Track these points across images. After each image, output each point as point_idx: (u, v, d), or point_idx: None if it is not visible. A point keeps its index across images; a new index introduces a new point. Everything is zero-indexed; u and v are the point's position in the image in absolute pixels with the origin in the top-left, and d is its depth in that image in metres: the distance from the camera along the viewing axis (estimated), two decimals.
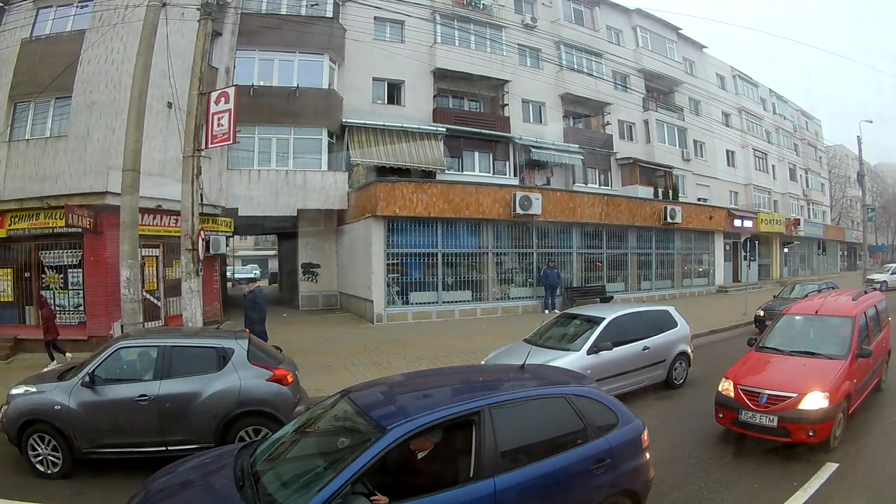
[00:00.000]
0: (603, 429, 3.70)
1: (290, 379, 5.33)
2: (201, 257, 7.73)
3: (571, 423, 3.62)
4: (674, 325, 7.95)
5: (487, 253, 15.23)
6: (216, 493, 3.18)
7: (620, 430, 3.76)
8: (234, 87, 7.82)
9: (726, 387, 5.69)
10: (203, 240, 7.70)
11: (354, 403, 3.56)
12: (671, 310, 8.22)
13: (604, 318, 7.18)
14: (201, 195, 8.01)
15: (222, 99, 7.72)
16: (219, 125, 7.67)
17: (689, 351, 8.05)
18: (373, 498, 2.89)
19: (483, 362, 7.15)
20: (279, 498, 2.94)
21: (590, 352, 6.71)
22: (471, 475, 3.16)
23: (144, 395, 4.96)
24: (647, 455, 3.88)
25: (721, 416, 5.69)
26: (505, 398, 3.55)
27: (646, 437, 3.90)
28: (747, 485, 4.73)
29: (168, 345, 5.20)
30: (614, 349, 6.86)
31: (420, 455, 3.34)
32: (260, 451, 3.53)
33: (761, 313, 12.41)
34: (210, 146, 7.92)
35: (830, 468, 4.93)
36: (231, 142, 7.80)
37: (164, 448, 4.97)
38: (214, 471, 3.55)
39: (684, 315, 8.38)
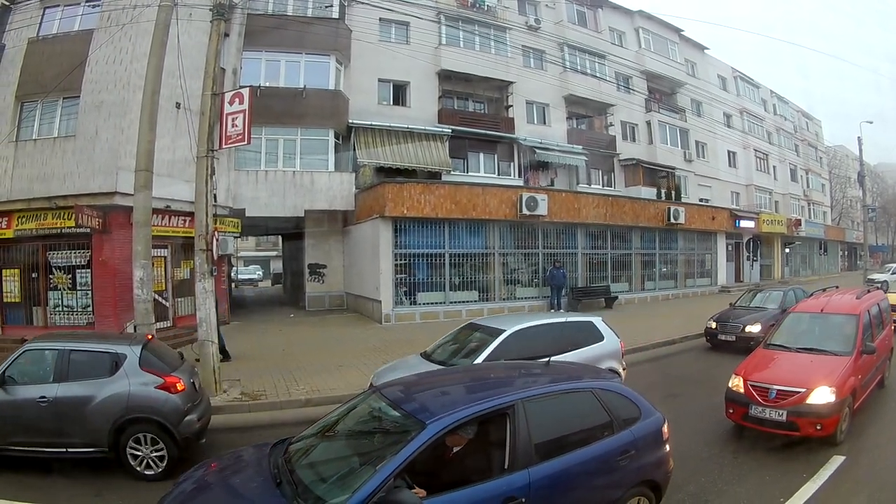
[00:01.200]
0: (627, 421, 3.81)
1: (180, 387, 5.25)
2: (215, 257, 7.72)
3: (598, 416, 3.74)
4: (598, 338, 6.95)
5: (494, 253, 15.28)
6: (253, 490, 3.19)
7: (643, 423, 3.88)
8: (248, 88, 7.82)
9: (736, 383, 5.84)
10: (217, 240, 7.68)
11: (389, 399, 3.60)
12: (596, 321, 7.25)
13: (503, 331, 6.32)
14: (214, 195, 8.00)
15: (237, 100, 7.73)
16: (233, 126, 7.67)
17: (620, 369, 7.12)
18: (413, 491, 2.92)
19: (372, 378, 6.47)
20: (320, 493, 2.95)
21: None
22: (505, 467, 3.24)
23: (44, 397, 5.02)
24: (668, 447, 3.99)
25: (731, 411, 5.84)
26: (537, 392, 3.67)
27: (666, 430, 4.02)
28: (758, 477, 4.86)
29: (67, 348, 5.26)
30: None
31: (455, 449, 3.38)
32: (294, 448, 3.54)
33: (713, 325, 10.66)
34: (224, 147, 7.92)
35: (837, 461, 5.05)
36: (245, 143, 7.81)
37: (64, 450, 5.03)
38: (246, 469, 3.58)
39: (612, 326, 7.41)
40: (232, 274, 21.37)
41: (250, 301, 21.81)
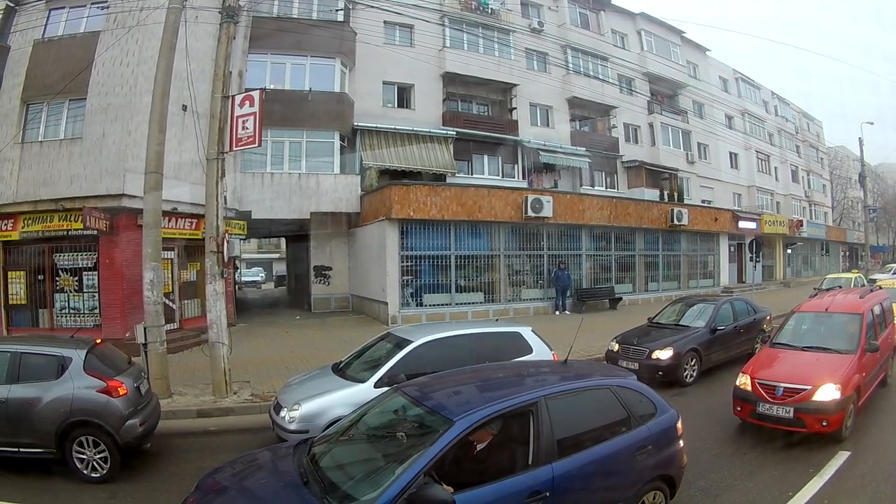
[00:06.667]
0: (643, 418, 3.91)
1: (122, 391, 5.30)
2: (226, 259, 7.72)
3: (616, 412, 3.84)
4: (527, 350, 6.20)
5: (499, 255, 15.30)
6: (281, 490, 3.19)
7: (659, 419, 3.98)
8: (259, 91, 7.82)
9: (744, 381, 5.97)
10: (227, 242, 7.68)
11: (412, 398, 3.64)
12: (525, 331, 6.47)
13: (410, 343, 5.87)
14: (225, 198, 8.00)
15: (247, 102, 7.74)
16: (243, 128, 7.68)
17: None
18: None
19: (279, 392, 6.29)
20: (349, 491, 2.97)
21: (378, 385, 5.40)
22: (529, 462, 3.30)
23: None
24: (682, 443, 4.09)
25: (739, 409, 5.98)
26: (559, 389, 3.74)
27: (680, 426, 4.11)
28: (767, 472, 4.99)
29: (19, 350, 5.36)
30: None
31: (480, 446, 3.42)
32: (318, 448, 3.56)
33: (615, 347, 8.68)
34: (235, 149, 7.92)
35: (843, 456, 5.19)
36: (256, 145, 7.81)
37: (16, 450, 5.11)
38: (269, 470, 3.59)
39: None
40: (236, 276, 21.35)
41: (255, 303, 21.79)
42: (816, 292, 13.41)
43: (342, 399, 5.37)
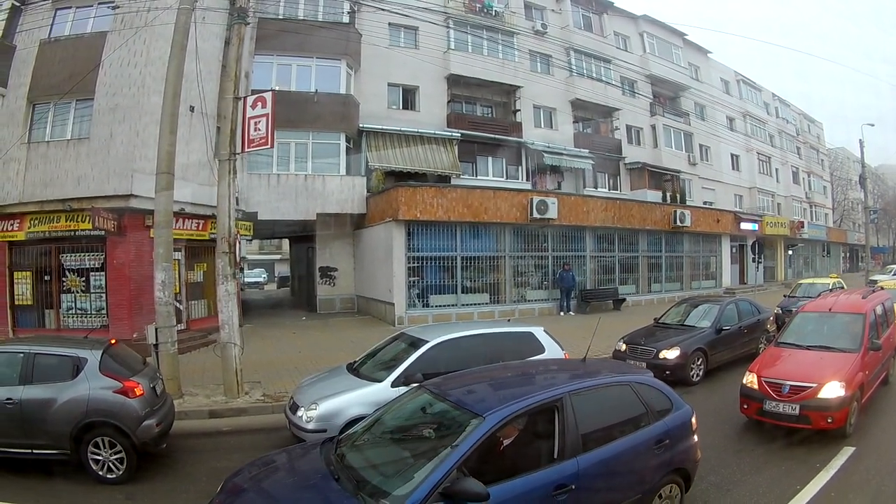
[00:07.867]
0: (661, 413, 4.01)
1: (138, 392, 5.29)
2: (238, 260, 7.72)
3: (635, 408, 3.93)
4: (539, 350, 6.28)
5: (504, 256, 15.34)
6: (312, 487, 3.21)
7: (675, 414, 4.08)
8: (271, 92, 7.83)
9: (750, 379, 6.08)
10: (239, 243, 7.68)
11: (438, 395, 3.68)
12: (537, 331, 6.57)
13: (425, 342, 5.99)
14: (237, 198, 8.01)
15: (259, 103, 7.74)
16: (255, 129, 7.69)
17: None
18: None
19: (293, 393, 6.30)
20: (382, 486, 3.00)
21: (395, 384, 5.55)
22: (555, 456, 3.37)
23: (10, 399, 5.06)
24: (696, 438, 4.18)
25: (746, 406, 6.10)
26: (582, 386, 3.81)
27: (694, 421, 4.20)
28: (775, 467, 5.11)
29: (32, 351, 5.32)
30: None
31: (506, 441, 3.47)
32: (346, 446, 3.59)
33: (622, 347, 8.78)
34: (247, 150, 7.93)
35: (848, 451, 5.35)
36: (269, 146, 7.82)
37: (29, 451, 5.09)
38: (297, 467, 3.61)
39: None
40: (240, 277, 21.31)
41: (258, 304, 21.74)
42: (788, 299, 13.23)
43: (359, 398, 5.44)
